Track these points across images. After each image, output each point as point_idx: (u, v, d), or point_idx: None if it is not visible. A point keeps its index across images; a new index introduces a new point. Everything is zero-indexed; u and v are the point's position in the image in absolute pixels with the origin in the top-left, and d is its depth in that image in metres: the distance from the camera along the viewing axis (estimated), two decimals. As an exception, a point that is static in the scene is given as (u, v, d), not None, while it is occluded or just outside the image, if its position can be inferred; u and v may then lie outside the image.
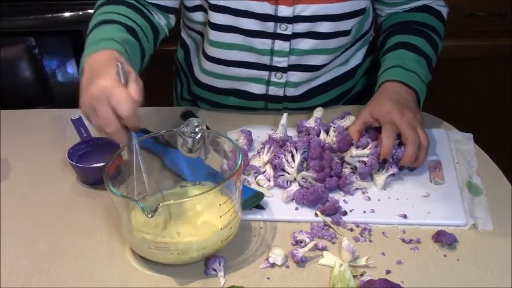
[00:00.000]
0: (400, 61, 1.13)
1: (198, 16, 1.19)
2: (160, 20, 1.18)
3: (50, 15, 1.94)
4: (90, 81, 0.87)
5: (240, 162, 0.87)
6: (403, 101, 1.07)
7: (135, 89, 0.85)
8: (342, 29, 1.15)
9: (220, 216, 0.85)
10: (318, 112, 1.14)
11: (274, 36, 1.13)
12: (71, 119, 1.14)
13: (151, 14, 1.16)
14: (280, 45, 1.14)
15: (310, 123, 1.12)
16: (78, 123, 1.13)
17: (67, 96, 2.17)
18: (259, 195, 0.97)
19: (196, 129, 0.93)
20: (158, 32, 1.17)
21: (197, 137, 0.93)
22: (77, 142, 1.09)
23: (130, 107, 0.83)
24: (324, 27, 1.13)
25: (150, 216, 0.79)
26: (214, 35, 1.16)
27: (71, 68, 2.11)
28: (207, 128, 1.06)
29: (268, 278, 0.85)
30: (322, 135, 1.09)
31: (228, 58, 1.18)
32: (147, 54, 1.12)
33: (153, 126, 1.08)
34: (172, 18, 1.20)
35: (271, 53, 1.15)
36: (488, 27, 1.91)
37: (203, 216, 0.88)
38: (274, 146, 1.07)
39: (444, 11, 1.25)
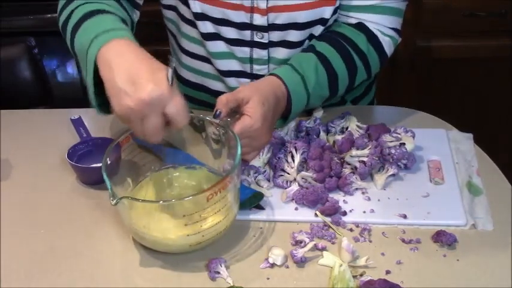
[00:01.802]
0: (296, 61, 1.08)
1: (169, 14, 1.20)
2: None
3: (50, 15, 1.93)
4: (135, 83, 0.81)
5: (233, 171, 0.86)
6: (274, 106, 1.01)
7: (180, 94, 0.84)
8: (311, 37, 1.14)
9: (186, 225, 0.85)
10: (318, 112, 1.14)
11: (251, 44, 1.14)
12: (71, 119, 1.14)
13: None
14: (258, 53, 1.15)
15: (310, 123, 1.12)
16: (78, 123, 1.13)
17: (67, 96, 2.19)
18: (259, 195, 0.97)
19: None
20: (133, 25, 1.13)
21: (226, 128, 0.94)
22: (77, 142, 1.09)
23: (187, 116, 0.83)
24: (294, 36, 1.13)
25: (113, 203, 0.81)
26: (209, 46, 1.16)
27: (71, 68, 2.11)
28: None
29: (268, 278, 0.85)
30: (322, 135, 1.09)
31: (218, 68, 1.19)
32: None
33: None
34: (137, 14, 1.16)
35: (251, 61, 1.16)
36: (488, 27, 1.91)
37: (175, 220, 0.88)
38: (274, 146, 1.07)
39: (386, 42, 1.14)
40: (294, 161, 1.01)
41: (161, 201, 0.94)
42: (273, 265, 0.87)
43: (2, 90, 1.68)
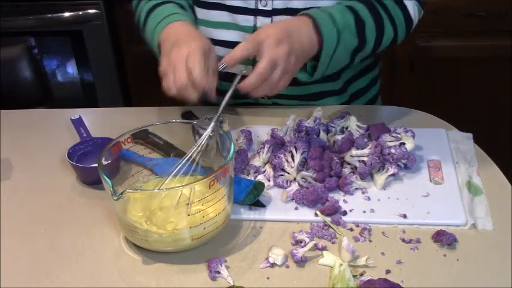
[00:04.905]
0: (321, 7, 1.08)
1: None
2: None
3: (50, 15, 1.94)
4: (173, 47, 0.99)
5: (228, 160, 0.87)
6: (292, 30, 1.00)
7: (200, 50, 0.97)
8: (318, 5, 1.13)
9: (188, 215, 0.86)
10: (318, 112, 1.14)
11: (255, 12, 1.15)
12: (71, 119, 1.14)
13: None
14: (261, 21, 1.16)
15: (310, 123, 1.12)
16: (78, 123, 1.13)
17: (67, 96, 2.19)
18: (260, 186, 0.97)
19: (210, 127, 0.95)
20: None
21: (212, 135, 0.94)
22: (77, 142, 1.09)
23: (201, 70, 0.94)
24: (299, 3, 1.13)
25: (115, 199, 0.81)
26: (200, 13, 1.19)
27: (71, 68, 2.11)
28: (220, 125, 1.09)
29: (268, 278, 0.85)
30: (322, 135, 1.09)
31: (215, 37, 1.20)
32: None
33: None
34: None
35: (254, 30, 1.16)
36: (488, 27, 1.91)
37: (177, 210, 0.88)
38: (274, 145, 1.07)
39: (410, 4, 1.16)
40: (294, 160, 1.01)
41: (165, 188, 0.93)
42: (273, 265, 0.87)
43: (2, 90, 1.68)
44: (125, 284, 0.85)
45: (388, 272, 0.85)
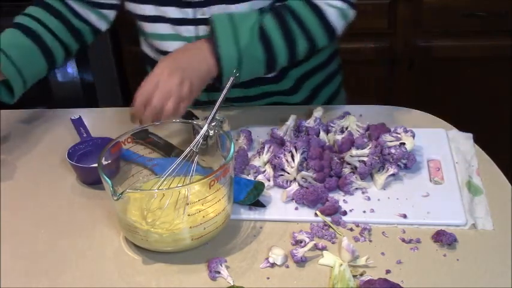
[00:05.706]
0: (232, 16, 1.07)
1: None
2: (90, 18, 1.22)
3: (50, 15, 1.93)
4: None
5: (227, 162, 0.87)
6: (184, 58, 1.04)
7: None
8: (257, 7, 1.11)
9: (189, 215, 0.86)
10: (318, 112, 1.14)
11: (195, 22, 1.14)
12: (71, 119, 1.14)
13: (75, 14, 1.20)
14: (204, 30, 1.14)
15: (310, 123, 1.12)
16: (78, 123, 1.13)
17: (67, 96, 2.19)
18: (260, 186, 0.97)
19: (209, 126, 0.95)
20: (79, 32, 1.22)
21: (211, 134, 0.95)
22: (77, 142, 1.09)
23: None
24: (236, 8, 1.11)
25: (115, 199, 0.81)
26: (147, 27, 1.19)
27: (71, 68, 2.11)
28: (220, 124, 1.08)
29: (268, 278, 0.85)
30: (322, 135, 1.09)
31: (164, 49, 1.19)
32: (58, 53, 1.19)
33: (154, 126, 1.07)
34: (113, 14, 1.24)
35: (197, 39, 1.13)
36: (488, 27, 1.91)
37: (177, 210, 0.88)
38: (274, 145, 1.07)
39: (332, 12, 1.10)
40: (294, 160, 1.01)
41: (165, 188, 0.93)
42: (273, 265, 0.87)
43: (2, 90, 1.68)
44: (125, 284, 0.85)
45: (388, 272, 0.85)
